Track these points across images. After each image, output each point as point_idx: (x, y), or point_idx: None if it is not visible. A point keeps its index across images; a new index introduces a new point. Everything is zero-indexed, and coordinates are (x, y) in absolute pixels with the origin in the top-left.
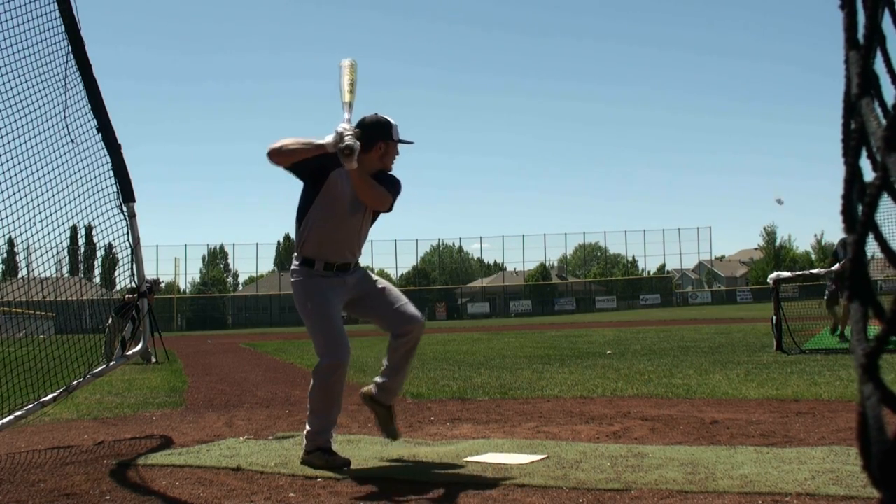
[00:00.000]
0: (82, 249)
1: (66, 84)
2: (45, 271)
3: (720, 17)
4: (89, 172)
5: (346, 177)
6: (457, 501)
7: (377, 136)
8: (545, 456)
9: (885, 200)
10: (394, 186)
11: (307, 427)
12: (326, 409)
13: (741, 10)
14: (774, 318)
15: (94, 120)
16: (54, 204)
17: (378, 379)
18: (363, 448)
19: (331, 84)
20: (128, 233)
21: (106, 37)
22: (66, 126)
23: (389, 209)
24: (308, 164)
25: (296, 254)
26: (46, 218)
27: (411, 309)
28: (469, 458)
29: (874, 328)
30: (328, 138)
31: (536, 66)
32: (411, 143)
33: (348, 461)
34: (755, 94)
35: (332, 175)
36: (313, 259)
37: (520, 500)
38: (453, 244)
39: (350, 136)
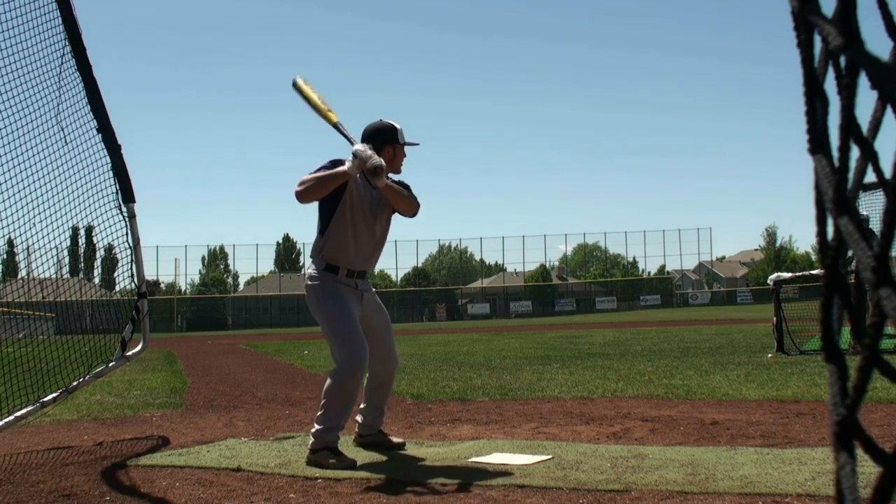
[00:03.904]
0: (82, 250)
1: (59, 83)
2: (45, 272)
3: (722, 18)
4: (89, 173)
5: (362, 184)
6: (457, 502)
7: (384, 141)
8: (549, 457)
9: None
10: (412, 191)
11: (315, 426)
12: (340, 411)
13: (744, 10)
14: (775, 319)
15: (94, 120)
16: (54, 204)
17: (360, 419)
18: (363, 448)
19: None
20: (127, 233)
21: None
22: (59, 124)
23: (415, 213)
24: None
25: (315, 260)
26: (46, 218)
27: (396, 352)
28: (469, 459)
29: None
30: (349, 164)
31: (537, 68)
32: (417, 144)
33: (355, 462)
34: (756, 95)
35: (349, 184)
36: (337, 266)
37: (520, 500)
38: (455, 245)
39: (374, 156)
